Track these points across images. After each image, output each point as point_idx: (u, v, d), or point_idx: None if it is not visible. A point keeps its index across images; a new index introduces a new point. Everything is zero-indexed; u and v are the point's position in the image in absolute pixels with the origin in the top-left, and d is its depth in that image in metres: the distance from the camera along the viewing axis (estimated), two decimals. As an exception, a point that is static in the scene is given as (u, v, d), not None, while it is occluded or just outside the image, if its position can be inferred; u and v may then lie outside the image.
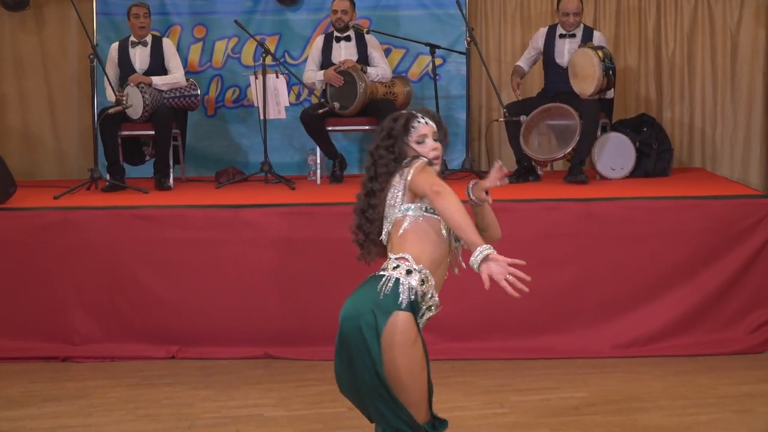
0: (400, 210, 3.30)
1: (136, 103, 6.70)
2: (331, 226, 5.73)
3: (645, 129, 7.13)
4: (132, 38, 7.06)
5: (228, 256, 5.80)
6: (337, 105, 6.80)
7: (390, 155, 3.40)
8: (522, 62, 7.18)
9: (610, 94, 6.93)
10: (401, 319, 3.16)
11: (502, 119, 6.84)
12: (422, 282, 3.23)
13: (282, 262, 5.79)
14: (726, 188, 6.41)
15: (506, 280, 3.18)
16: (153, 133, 6.89)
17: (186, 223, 5.84)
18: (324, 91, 6.98)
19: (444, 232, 3.34)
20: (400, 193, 3.32)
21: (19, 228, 5.85)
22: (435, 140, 3.44)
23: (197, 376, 5.49)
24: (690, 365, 5.55)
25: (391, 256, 3.27)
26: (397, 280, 3.20)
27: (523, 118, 6.65)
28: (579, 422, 4.65)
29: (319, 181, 7.06)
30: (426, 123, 3.44)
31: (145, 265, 5.80)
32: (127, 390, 5.27)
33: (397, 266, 3.22)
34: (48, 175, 7.90)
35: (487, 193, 3.53)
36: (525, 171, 6.82)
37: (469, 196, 3.51)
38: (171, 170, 6.93)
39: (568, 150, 6.56)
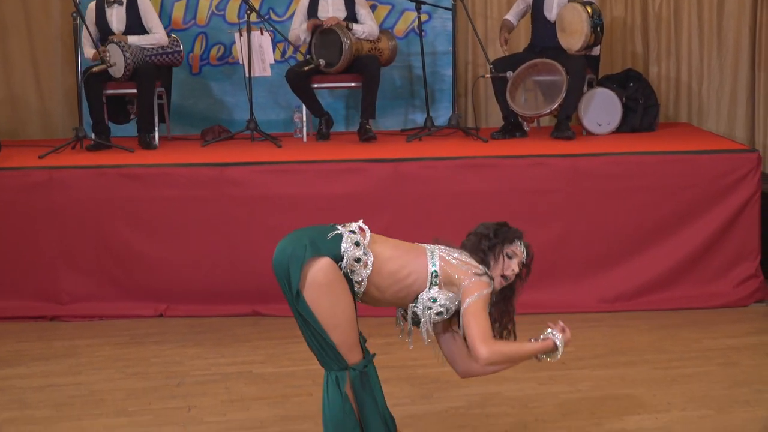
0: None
1: (118, 61, 6.64)
2: (318, 183, 5.74)
3: (631, 84, 7.11)
4: (107, -5, 6.94)
5: (215, 215, 5.79)
6: (322, 62, 6.75)
7: (485, 245, 3.52)
8: (510, 16, 7.12)
9: (596, 51, 6.90)
10: (328, 261, 3.28)
11: (488, 75, 6.80)
12: (358, 260, 3.30)
13: (269, 219, 5.77)
14: (712, 143, 6.41)
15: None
16: (137, 91, 6.82)
17: (172, 181, 5.82)
18: (309, 49, 6.93)
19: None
20: (444, 300, 3.39)
21: (4, 188, 5.83)
22: (519, 267, 3.56)
23: (186, 334, 5.50)
24: (675, 319, 5.58)
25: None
26: (341, 236, 3.31)
27: (509, 74, 6.61)
28: (566, 376, 4.68)
29: (305, 139, 7.02)
30: (522, 250, 3.62)
31: (132, 224, 5.79)
32: (115, 348, 5.28)
33: (354, 232, 3.34)
34: (32, 134, 7.84)
35: None
36: (511, 127, 6.80)
37: None
38: (156, 129, 6.88)
39: (555, 106, 6.54)
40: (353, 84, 7.03)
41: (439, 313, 3.37)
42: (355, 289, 3.35)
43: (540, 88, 6.71)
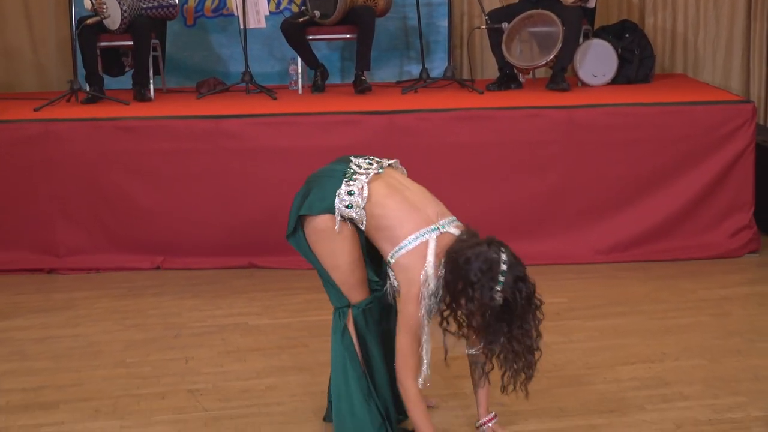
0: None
1: (113, 14, 6.59)
2: (314, 135, 5.71)
3: (627, 35, 7.06)
4: (102, -53, 6.87)
5: (210, 167, 5.77)
6: (317, 14, 6.69)
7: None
8: None
9: (591, 2, 6.84)
10: (323, 217, 3.36)
11: (484, 27, 6.75)
12: (349, 206, 3.32)
13: (265, 171, 5.77)
14: (708, 94, 6.38)
15: None
16: (132, 43, 6.79)
17: (167, 133, 5.80)
18: (304, 0, 6.86)
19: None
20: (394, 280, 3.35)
21: (0, 142, 5.79)
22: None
23: (183, 286, 5.51)
24: (670, 270, 5.59)
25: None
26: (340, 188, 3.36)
27: (505, 25, 6.57)
28: (560, 327, 4.69)
29: (300, 91, 6.98)
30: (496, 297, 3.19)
31: (128, 177, 5.78)
32: (113, 300, 5.29)
33: (352, 180, 3.38)
34: (27, 87, 7.79)
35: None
36: (507, 78, 6.76)
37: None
38: (151, 81, 6.83)
39: (551, 57, 6.50)
40: (348, 36, 6.97)
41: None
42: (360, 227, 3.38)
43: (536, 39, 6.66)
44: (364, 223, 3.33)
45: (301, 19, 6.70)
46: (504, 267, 3.17)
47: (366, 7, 6.84)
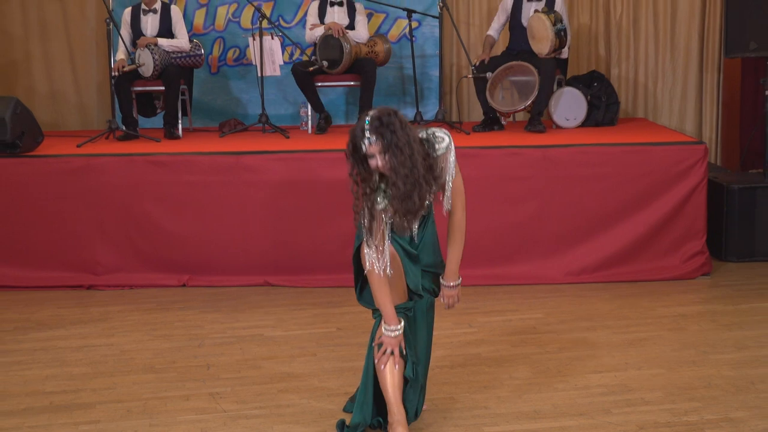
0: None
1: (147, 63, 6.63)
2: (321, 170, 5.72)
3: (595, 84, 7.09)
4: (143, 6, 6.93)
5: (231, 197, 5.77)
6: (325, 63, 6.72)
7: (362, 176, 3.29)
8: (492, 31, 7.07)
9: (564, 53, 6.88)
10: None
11: (470, 76, 6.78)
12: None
13: (278, 201, 5.77)
14: (665, 136, 6.39)
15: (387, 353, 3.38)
16: (163, 88, 6.82)
17: (193, 167, 5.80)
18: (314, 51, 6.89)
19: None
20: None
21: (46, 173, 5.80)
22: (382, 152, 3.17)
23: (206, 302, 5.50)
24: (632, 290, 5.58)
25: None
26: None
27: (488, 74, 6.60)
28: (536, 339, 4.69)
29: (310, 131, 7.00)
30: (370, 143, 3.18)
31: (158, 205, 5.77)
32: (144, 314, 5.28)
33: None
34: (71, 126, 7.82)
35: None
36: (491, 121, 6.79)
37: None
38: (179, 121, 6.86)
39: (528, 103, 6.53)
40: (353, 83, 7.01)
41: None
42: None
43: (515, 87, 6.69)
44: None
45: (311, 68, 6.73)
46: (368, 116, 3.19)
47: (368, 59, 6.88)
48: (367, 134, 3.17)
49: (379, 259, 3.33)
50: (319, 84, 6.94)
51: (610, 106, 7.05)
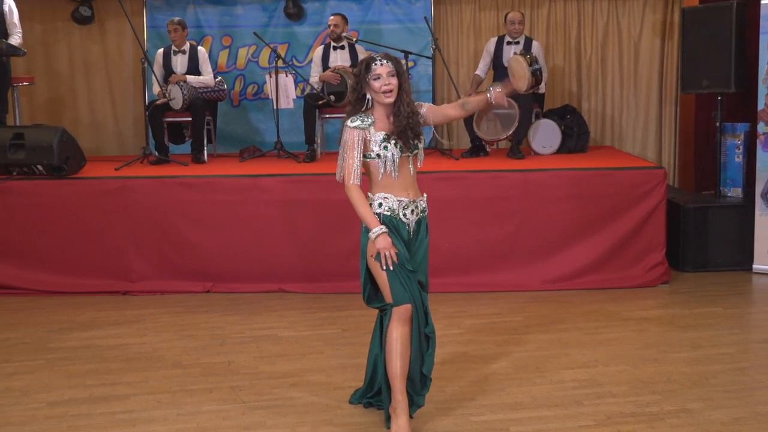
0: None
1: (177, 97, 6.66)
2: (328, 191, 5.71)
3: (568, 116, 7.11)
4: (173, 47, 6.96)
5: (249, 214, 5.77)
6: (332, 97, 6.74)
7: (358, 92, 3.38)
8: (479, 71, 7.10)
9: (541, 89, 6.90)
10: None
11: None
12: (380, 205, 3.37)
13: (291, 218, 5.77)
14: (629, 161, 6.41)
15: (384, 254, 3.29)
16: (191, 119, 6.84)
17: (217, 188, 5.80)
18: (322, 88, 6.92)
19: (381, 168, 3.38)
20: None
21: (88, 193, 5.81)
22: (392, 76, 3.31)
23: (227, 306, 5.48)
24: (601, 296, 5.58)
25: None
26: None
27: (475, 108, 6.60)
28: (517, 339, 4.68)
29: (319, 156, 7.01)
30: (381, 64, 3.32)
31: (186, 221, 5.77)
32: (173, 316, 5.26)
33: (371, 204, 3.40)
34: (110, 151, 7.85)
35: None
36: (477, 148, 6.80)
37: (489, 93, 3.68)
38: (205, 148, 6.87)
39: (510, 132, 6.53)
40: (356, 115, 7.01)
41: None
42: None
43: (499, 119, 6.70)
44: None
45: (320, 102, 6.74)
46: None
47: (370, 94, 6.88)
48: (380, 58, 3.31)
49: (354, 171, 3.33)
50: (327, 116, 6.95)
51: (581, 136, 7.07)
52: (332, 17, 6.98)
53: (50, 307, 5.50)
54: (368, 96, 3.36)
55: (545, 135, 6.90)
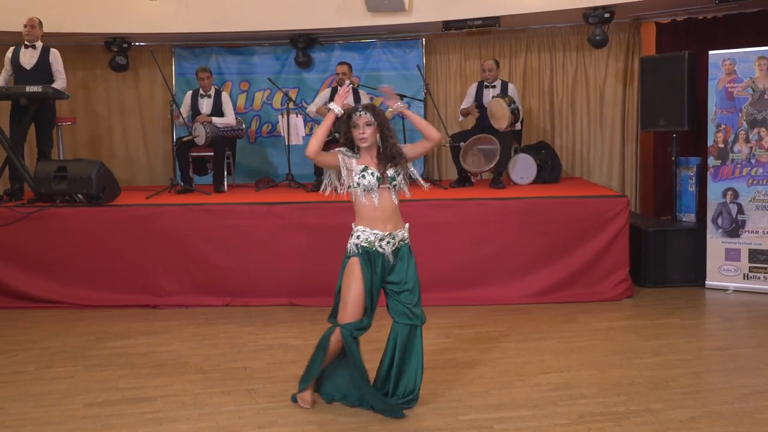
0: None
1: (201, 135, 6.68)
2: (334, 216, 5.72)
3: (543, 151, 7.14)
4: (201, 91, 7.00)
5: (264, 237, 5.76)
6: (338, 134, 6.73)
7: (347, 137, 3.54)
8: (464, 106, 7.16)
9: (518, 126, 6.94)
10: (350, 260, 3.44)
11: (448, 145, 6.83)
12: (358, 237, 3.46)
13: (301, 240, 5.76)
14: (597, 191, 6.42)
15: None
16: (213, 154, 6.85)
17: (235, 214, 5.80)
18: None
19: (361, 197, 3.49)
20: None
21: (123, 218, 5.80)
22: (368, 125, 3.41)
23: (244, 318, 5.46)
24: (573, 309, 5.56)
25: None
26: (349, 243, 3.49)
27: (461, 144, 6.64)
28: (499, 347, 4.66)
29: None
30: (359, 116, 3.43)
31: (208, 243, 5.76)
32: (196, 327, 5.24)
33: (351, 235, 3.50)
34: (141, 182, 7.86)
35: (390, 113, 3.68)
36: (463, 179, 6.81)
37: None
38: (225, 179, 6.88)
39: (492, 165, 6.56)
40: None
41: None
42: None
43: (482, 153, 6.74)
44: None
45: (328, 137, 6.74)
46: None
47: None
48: (361, 109, 3.43)
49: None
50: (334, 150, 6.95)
51: (555, 168, 7.09)
52: (340, 66, 7.03)
53: (88, 319, 5.48)
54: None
55: (523, 167, 6.93)
